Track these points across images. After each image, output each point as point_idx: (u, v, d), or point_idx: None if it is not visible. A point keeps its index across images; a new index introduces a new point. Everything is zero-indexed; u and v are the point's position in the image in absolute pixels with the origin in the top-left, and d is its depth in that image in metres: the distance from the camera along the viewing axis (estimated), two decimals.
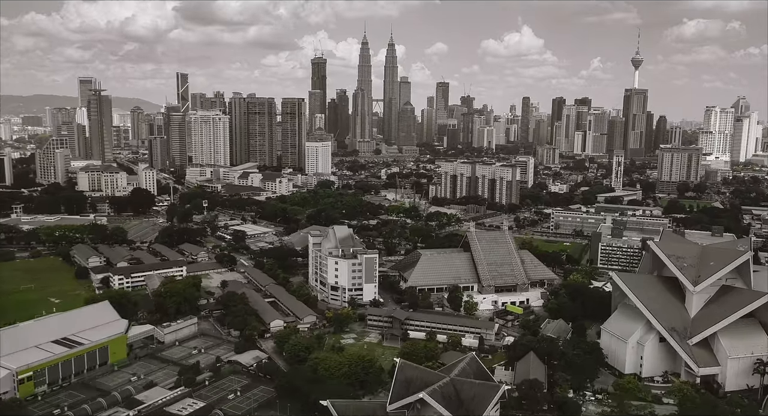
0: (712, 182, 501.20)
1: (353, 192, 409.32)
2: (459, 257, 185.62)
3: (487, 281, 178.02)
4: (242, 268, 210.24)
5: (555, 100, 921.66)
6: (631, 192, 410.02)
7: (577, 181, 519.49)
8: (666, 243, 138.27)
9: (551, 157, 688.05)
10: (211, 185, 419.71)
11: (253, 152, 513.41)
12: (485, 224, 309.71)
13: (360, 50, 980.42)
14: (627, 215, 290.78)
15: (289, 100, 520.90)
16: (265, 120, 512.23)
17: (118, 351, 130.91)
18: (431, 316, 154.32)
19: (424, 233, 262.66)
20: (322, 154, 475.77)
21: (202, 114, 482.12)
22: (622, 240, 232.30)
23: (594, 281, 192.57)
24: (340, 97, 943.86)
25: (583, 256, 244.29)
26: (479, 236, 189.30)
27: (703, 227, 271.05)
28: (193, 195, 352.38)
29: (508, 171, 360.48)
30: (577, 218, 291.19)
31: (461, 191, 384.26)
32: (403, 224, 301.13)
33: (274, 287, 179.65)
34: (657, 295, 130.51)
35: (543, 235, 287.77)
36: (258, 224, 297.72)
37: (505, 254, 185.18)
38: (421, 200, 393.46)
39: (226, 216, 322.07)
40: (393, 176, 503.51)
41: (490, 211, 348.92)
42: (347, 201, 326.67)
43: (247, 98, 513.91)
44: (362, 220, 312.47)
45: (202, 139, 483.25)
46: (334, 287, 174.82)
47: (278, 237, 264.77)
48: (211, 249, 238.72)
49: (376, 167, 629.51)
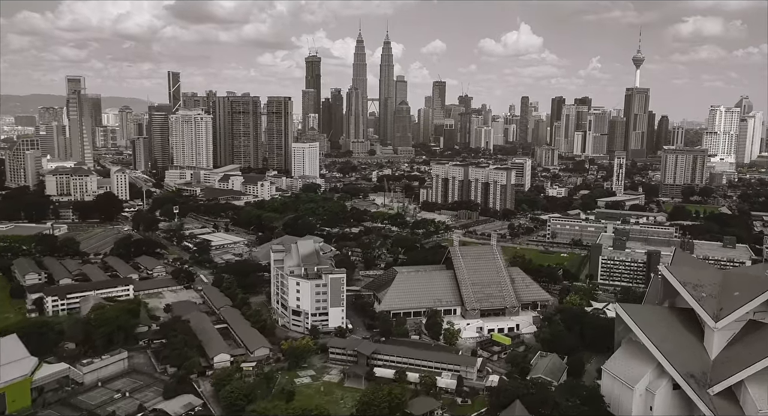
0: (718, 185, 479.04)
1: (339, 196, 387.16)
2: (440, 276, 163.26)
3: (471, 304, 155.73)
4: (201, 285, 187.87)
5: (554, 100, 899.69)
6: (633, 196, 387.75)
7: (577, 183, 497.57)
8: (680, 267, 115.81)
9: (550, 158, 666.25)
10: (189, 189, 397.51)
11: (237, 154, 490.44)
12: (476, 232, 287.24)
13: (355, 48, 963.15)
14: (629, 222, 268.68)
15: (274, 99, 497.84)
16: (250, 120, 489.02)
17: (19, 398, 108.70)
18: (403, 349, 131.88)
19: (408, 243, 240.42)
20: (309, 155, 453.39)
21: (183, 113, 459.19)
22: (625, 253, 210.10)
23: (594, 302, 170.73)
24: (334, 96, 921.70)
25: (582, 270, 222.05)
26: (463, 251, 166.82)
27: (712, 236, 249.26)
28: (165, 200, 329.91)
29: (502, 174, 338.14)
30: (576, 226, 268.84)
31: (453, 195, 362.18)
32: (387, 232, 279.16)
33: (229, 310, 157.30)
34: (670, 332, 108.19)
35: (538, 245, 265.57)
36: (230, 233, 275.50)
37: (493, 273, 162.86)
38: (411, 204, 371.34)
39: (199, 223, 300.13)
40: (382, 179, 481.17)
41: (482, 217, 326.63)
42: (329, 207, 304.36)
43: (231, 97, 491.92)
44: (345, 227, 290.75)
45: (184, 139, 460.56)
46: (295, 311, 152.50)
47: (249, 248, 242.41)
48: (171, 262, 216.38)
49: (368, 168, 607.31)
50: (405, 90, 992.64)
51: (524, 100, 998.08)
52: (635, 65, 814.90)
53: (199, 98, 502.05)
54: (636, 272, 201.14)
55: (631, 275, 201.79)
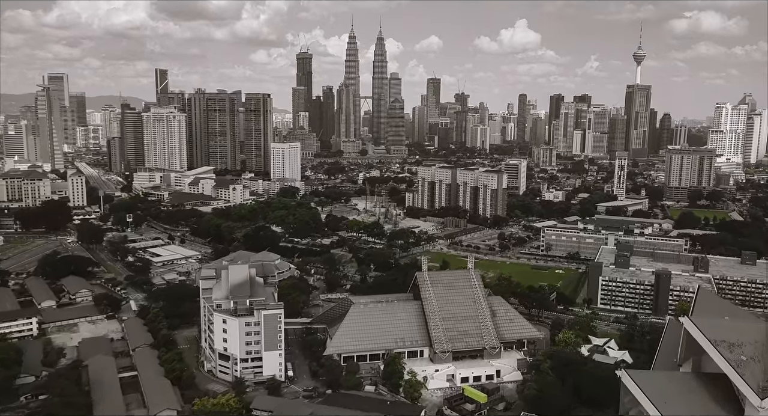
0: (725, 187, 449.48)
1: (319, 201, 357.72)
2: (404, 308, 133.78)
3: (441, 344, 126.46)
4: (127, 314, 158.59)
5: (553, 98, 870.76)
6: (636, 201, 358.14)
7: (575, 185, 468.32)
8: (708, 320, 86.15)
9: (548, 158, 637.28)
10: (156, 193, 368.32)
11: (213, 154, 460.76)
12: (462, 243, 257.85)
13: (347, 45, 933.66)
14: (633, 233, 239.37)
15: (252, 96, 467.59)
16: (227, 118, 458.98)
17: None
18: (349, 412, 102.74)
19: (382, 258, 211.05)
20: (289, 156, 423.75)
21: (155, 112, 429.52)
22: (629, 272, 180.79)
23: (592, 337, 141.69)
24: (325, 94, 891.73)
25: (578, 290, 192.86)
26: (433, 278, 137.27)
27: (727, 249, 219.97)
28: (122, 206, 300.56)
29: (492, 178, 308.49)
30: (573, 238, 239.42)
31: (440, 200, 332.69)
32: (362, 244, 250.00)
33: (145, 352, 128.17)
34: (693, 408, 78.86)
35: (531, 258, 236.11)
36: (185, 245, 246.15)
37: (469, 304, 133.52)
38: (396, 210, 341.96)
39: (158, 232, 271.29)
40: (368, 181, 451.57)
41: (471, 225, 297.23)
42: (300, 214, 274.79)
43: (206, 94, 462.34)
44: (317, 238, 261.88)
45: (156, 140, 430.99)
46: (223, 355, 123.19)
47: (201, 265, 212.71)
48: (103, 283, 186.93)
49: (358, 169, 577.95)
50: (399, 88, 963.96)
51: (522, 98, 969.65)
52: (636, 62, 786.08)
53: (173, 95, 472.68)
54: (642, 296, 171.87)
55: (637, 300, 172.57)
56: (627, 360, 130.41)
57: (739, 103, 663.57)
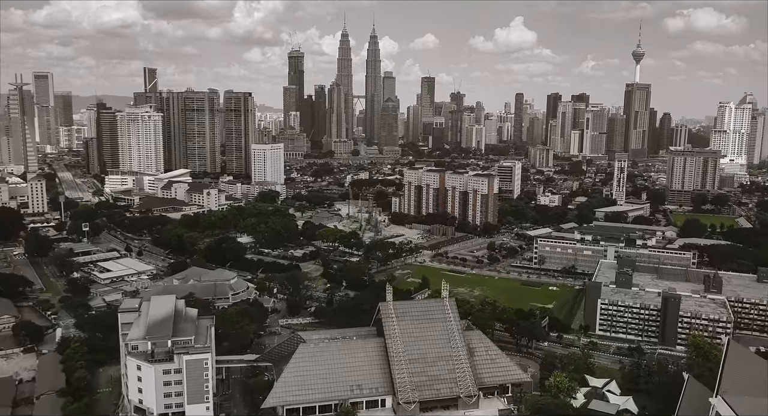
0: (729, 190, 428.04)
1: (299, 206, 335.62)
2: (365, 347, 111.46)
3: (406, 392, 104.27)
4: (52, 346, 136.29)
5: (550, 97, 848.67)
6: (637, 206, 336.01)
7: (573, 188, 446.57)
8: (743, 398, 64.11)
9: (545, 159, 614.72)
10: (127, 198, 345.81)
11: (191, 156, 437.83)
12: (447, 254, 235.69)
13: (340, 43, 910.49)
14: (635, 244, 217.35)
15: (233, 95, 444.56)
16: (206, 118, 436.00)
17: None
18: None
19: (354, 274, 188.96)
20: (271, 158, 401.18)
21: (130, 112, 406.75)
22: (632, 293, 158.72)
23: (590, 377, 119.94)
24: (317, 93, 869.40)
25: (575, 312, 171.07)
26: (400, 309, 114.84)
27: (740, 264, 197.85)
28: (83, 213, 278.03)
29: (483, 182, 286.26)
30: (569, 249, 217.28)
31: (427, 206, 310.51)
32: (337, 256, 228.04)
33: (48, 403, 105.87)
34: None
35: (522, 272, 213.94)
36: (144, 258, 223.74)
37: (442, 341, 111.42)
38: (381, 215, 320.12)
39: (118, 243, 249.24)
40: (355, 185, 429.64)
41: (459, 234, 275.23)
42: (273, 222, 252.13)
43: (184, 93, 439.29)
44: (291, 249, 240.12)
45: (130, 141, 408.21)
46: (138, 408, 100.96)
47: (153, 282, 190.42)
48: (35, 306, 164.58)
49: (347, 171, 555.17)
50: (393, 87, 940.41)
51: (519, 97, 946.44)
52: (635, 60, 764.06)
53: (150, 95, 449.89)
54: (647, 322, 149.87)
55: (641, 326, 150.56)
56: (631, 408, 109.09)
57: (739, 102, 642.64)
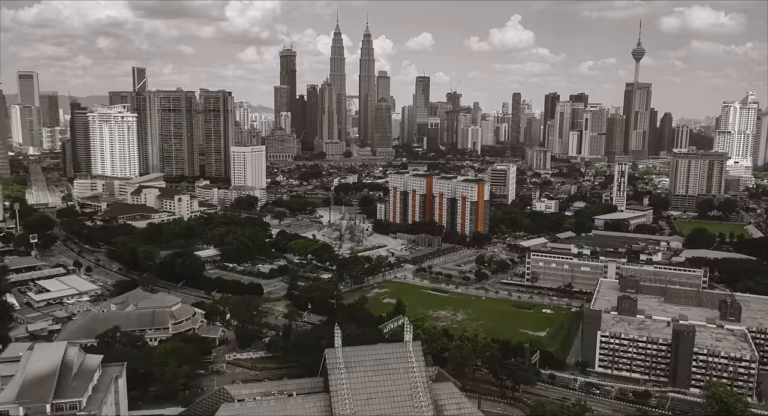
0: (734, 193, 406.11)
1: (277, 213, 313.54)
2: (305, 406, 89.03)
3: None
4: None
5: (548, 97, 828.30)
6: (639, 213, 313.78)
7: (571, 192, 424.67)
8: None
9: (542, 160, 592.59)
10: (94, 204, 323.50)
11: (168, 159, 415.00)
12: (431, 269, 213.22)
13: (332, 41, 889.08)
14: (638, 259, 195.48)
15: (211, 95, 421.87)
16: (183, 119, 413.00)
17: None
18: None
19: (322, 296, 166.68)
20: (252, 161, 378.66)
21: (102, 112, 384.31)
22: (637, 323, 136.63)
23: None
24: (309, 93, 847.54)
25: (571, 340, 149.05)
26: (351, 356, 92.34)
27: (758, 282, 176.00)
28: (38, 222, 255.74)
29: (472, 188, 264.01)
30: (564, 265, 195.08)
31: (414, 213, 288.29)
32: (309, 271, 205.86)
33: None
34: None
35: (513, 291, 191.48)
36: (94, 274, 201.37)
37: (403, 398, 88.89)
38: (365, 223, 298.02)
39: (71, 256, 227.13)
40: (340, 189, 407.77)
41: (446, 245, 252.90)
42: (241, 233, 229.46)
43: (160, 92, 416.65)
44: (258, 263, 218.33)
45: (103, 143, 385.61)
46: None
47: (94, 304, 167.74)
48: None
49: (337, 173, 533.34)
50: (388, 86, 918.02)
51: (516, 97, 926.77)
52: (635, 59, 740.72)
53: (126, 94, 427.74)
54: (655, 358, 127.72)
55: (648, 363, 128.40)
56: None
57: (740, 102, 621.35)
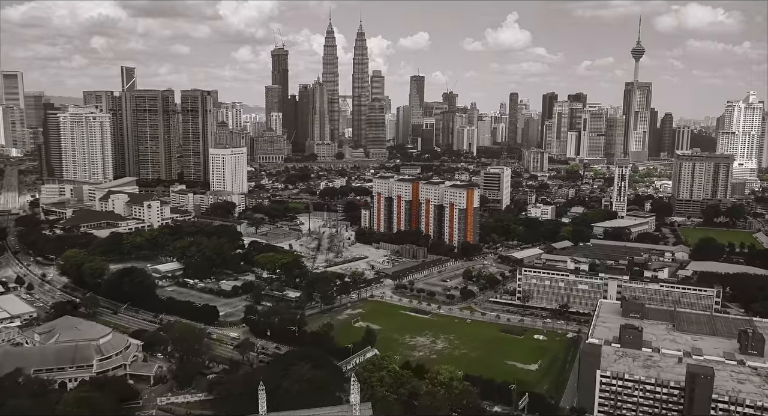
0: (740, 197, 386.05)
1: (255, 219, 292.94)
2: None
3: None
4: None
5: (545, 96, 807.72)
6: (641, 220, 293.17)
7: (568, 196, 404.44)
8: None
9: (539, 162, 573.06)
10: (59, 211, 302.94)
11: (143, 162, 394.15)
12: (413, 286, 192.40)
13: (325, 40, 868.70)
14: (643, 278, 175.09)
15: (189, 94, 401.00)
16: (159, 120, 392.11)
17: None
18: None
19: (282, 323, 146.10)
20: (232, 164, 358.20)
21: (73, 113, 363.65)
22: (643, 358, 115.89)
23: None
24: (301, 93, 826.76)
25: (565, 379, 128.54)
26: None
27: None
28: None
29: (461, 195, 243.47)
30: (560, 282, 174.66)
31: (399, 221, 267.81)
32: (274, 289, 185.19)
33: None
34: None
35: (502, 311, 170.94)
36: (33, 293, 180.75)
37: None
38: (348, 231, 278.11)
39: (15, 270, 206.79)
40: (326, 193, 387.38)
41: (433, 256, 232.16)
42: (205, 246, 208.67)
43: (135, 92, 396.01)
44: (222, 278, 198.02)
45: (74, 145, 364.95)
46: None
47: (23, 330, 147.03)
48: None
49: (328, 175, 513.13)
50: (382, 86, 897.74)
51: (513, 97, 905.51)
52: (634, 58, 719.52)
53: (101, 93, 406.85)
54: (666, 404, 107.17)
55: (657, 409, 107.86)
56: None
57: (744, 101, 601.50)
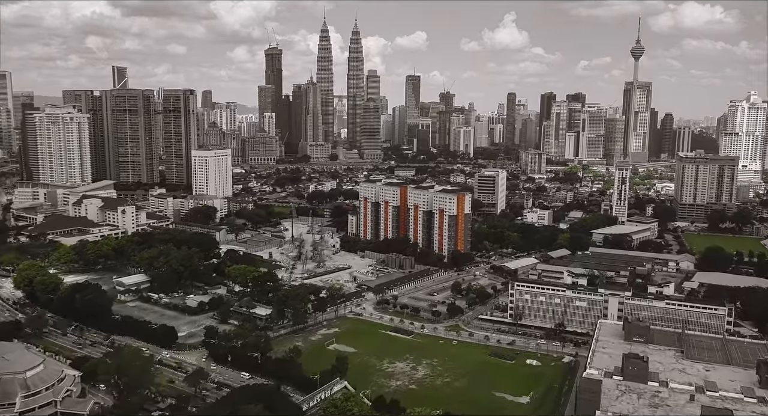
0: (745, 201, 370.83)
1: (234, 227, 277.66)
2: None
3: None
4: None
5: (543, 96, 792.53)
6: (643, 227, 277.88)
7: (567, 200, 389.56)
8: None
9: (537, 164, 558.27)
10: (30, 216, 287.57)
11: (123, 164, 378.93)
12: (397, 302, 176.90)
13: (319, 39, 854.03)
14: (647, 294, 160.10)
15: (171, 93, 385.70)
16: (140, 120, 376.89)
17: None
18: None
19: (244, 347, 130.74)
20: (215, 166, 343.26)
21: (50, 113, 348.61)
22: (649, 395, 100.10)
23: None
24: (295, 93, 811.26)
25: (561, 409, 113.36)
26: None
27: None
28: None
29: (451, 200, 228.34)
30: (556, 299, 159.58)
31: (387, 228, 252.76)
32: (250, 305, 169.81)
33: None
34: None
35: (493, 330, 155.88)
36: None
37: None
38: (334, 237, 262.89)
39: None
40: (314, 196, 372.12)
41: (421, 266, 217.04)
42: (173, 256, 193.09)
43: (115, 91, 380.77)
44: (191, 292, 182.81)
45: (51, 146, 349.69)
46: None
47: None
48: None
49: (319, 178, 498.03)
50: (378, 86, 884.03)
51: (511, 97, 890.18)
52: (634, 57, 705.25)
53: (80, 92, 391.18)
54: None
55: None
56: None
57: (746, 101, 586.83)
